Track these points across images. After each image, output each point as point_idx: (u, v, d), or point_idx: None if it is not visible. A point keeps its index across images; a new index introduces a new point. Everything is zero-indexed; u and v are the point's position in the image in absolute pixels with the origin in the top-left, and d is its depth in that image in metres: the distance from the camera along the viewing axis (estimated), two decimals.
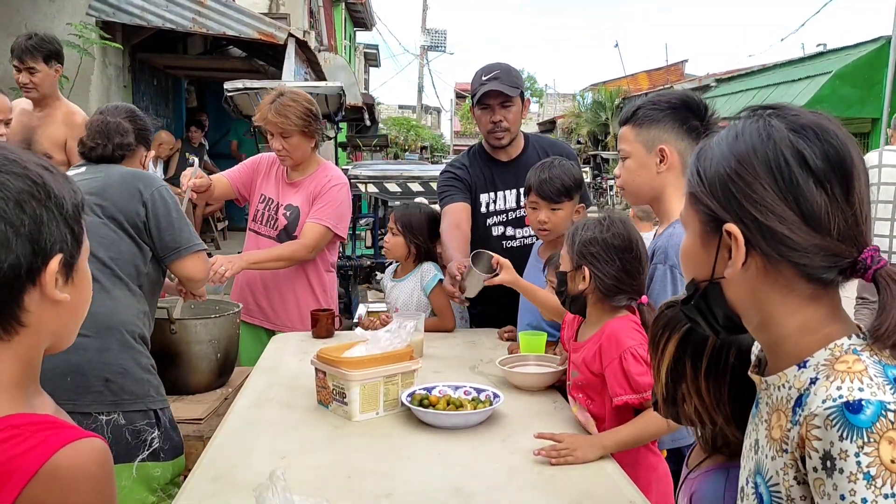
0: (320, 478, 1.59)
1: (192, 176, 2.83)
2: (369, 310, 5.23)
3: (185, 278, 2.40)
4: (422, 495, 1.51)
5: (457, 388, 2.04)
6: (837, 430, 0.82)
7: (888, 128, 5.92)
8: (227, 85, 5.82)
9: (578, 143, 29.48)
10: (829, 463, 0.82)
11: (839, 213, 0.91)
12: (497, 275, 2.32)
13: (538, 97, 46.02)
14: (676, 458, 1.85)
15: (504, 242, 2.92)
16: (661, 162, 1.97)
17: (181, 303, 2.70)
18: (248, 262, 2.95)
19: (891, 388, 0.83)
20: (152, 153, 2.45)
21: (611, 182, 22.89)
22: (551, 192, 2.48)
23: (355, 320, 5.38)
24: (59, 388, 2.11)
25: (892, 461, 0.79)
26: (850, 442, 0.80)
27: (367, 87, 29.91)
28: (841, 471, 0.81)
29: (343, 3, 21.71)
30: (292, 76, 7.40)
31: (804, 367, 0.92)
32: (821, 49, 16.00)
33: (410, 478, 1.60)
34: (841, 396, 0.83)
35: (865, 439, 0.80)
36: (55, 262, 0.88)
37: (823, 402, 0.84)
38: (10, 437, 0.82)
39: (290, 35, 7.27)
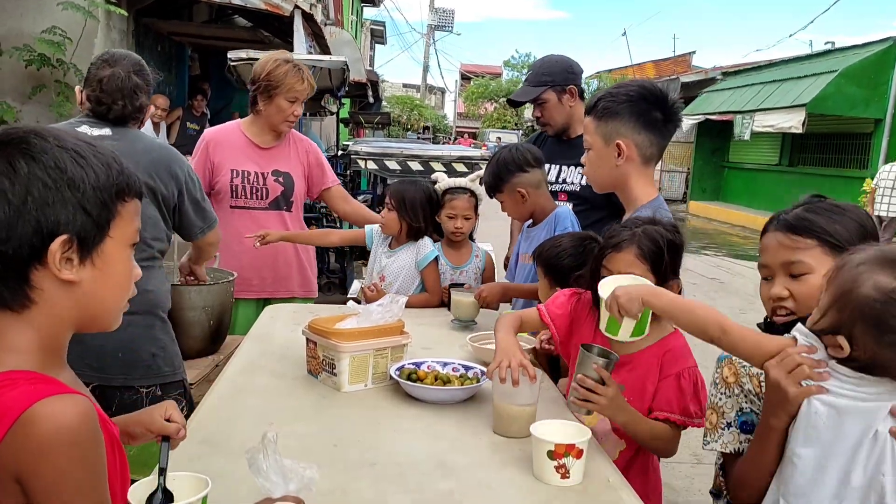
0: (306, 445, 1.60)
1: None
2: (364, 285, 5.26)
3: (209, 245, 2.54)
4: (406, 466, 1.53)
5: (445, 364, 2.06)
6: None
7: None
8: (231, 54, 5.79)
9: None
10: None
11: None
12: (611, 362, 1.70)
13: None
14: None
15: None
16: (618, 156, 1.99)
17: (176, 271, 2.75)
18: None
19: None
20: (151, 108, 2.45)
21: None
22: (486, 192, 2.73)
23: (350, 295, 5.41)
24: (112, 365, 2.20)
25: None
26: None
27: (371, 64, 29.73)
28: None
29: None
30: (304, 50, 7.34)
31: None
32: (828, 47, 15.93)
33: (395, 449, 1.62)
34: None
35: None
36: (57, 243, 0.89)
37: None
38: (1, 386, 0.84)
39: (297, 7, 7.21)
